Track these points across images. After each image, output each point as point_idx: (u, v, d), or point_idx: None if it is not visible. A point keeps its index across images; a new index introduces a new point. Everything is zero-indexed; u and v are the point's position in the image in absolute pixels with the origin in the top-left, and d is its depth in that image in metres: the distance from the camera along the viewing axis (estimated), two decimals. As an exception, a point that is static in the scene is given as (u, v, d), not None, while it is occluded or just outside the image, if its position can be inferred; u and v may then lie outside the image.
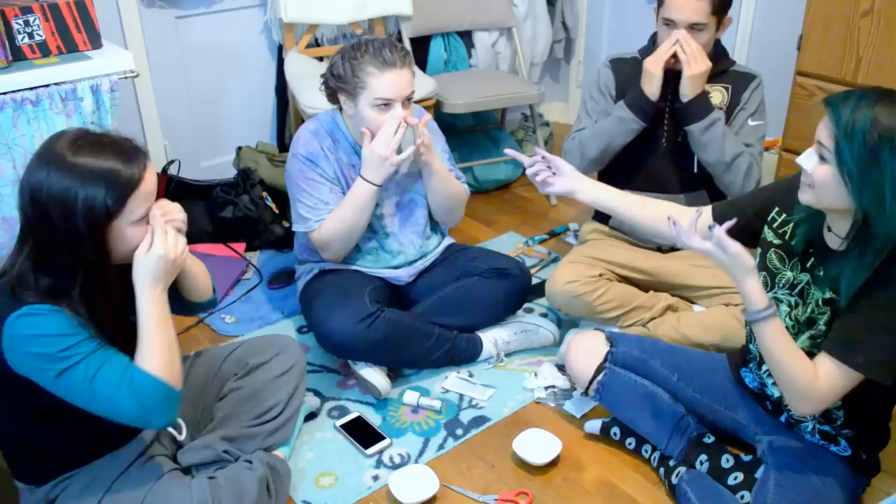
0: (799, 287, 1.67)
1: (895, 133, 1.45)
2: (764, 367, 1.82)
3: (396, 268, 2.37)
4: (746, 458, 1.83)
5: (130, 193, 1.44)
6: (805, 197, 1.59)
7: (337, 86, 2.11)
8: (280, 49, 3.30)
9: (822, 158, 1.53)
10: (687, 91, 2.22)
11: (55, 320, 1.42)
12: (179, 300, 1.77)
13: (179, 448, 1.82)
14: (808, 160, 1.56)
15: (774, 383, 1.79)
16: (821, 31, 2.58)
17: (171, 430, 1.71)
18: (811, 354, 1.62)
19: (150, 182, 1.48)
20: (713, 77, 2.29)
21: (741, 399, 1.90)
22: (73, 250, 1.43)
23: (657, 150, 2.36)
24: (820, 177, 1.54)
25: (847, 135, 1.48)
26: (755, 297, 1.56)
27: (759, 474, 1.77)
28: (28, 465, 1.63)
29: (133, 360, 1.50)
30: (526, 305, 2.53)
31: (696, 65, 2.18)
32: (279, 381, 1.89)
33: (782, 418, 1.81)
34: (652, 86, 2.25)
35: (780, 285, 1.72)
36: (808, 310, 1.66)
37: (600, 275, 2.34)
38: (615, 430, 2.04)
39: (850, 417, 1.70)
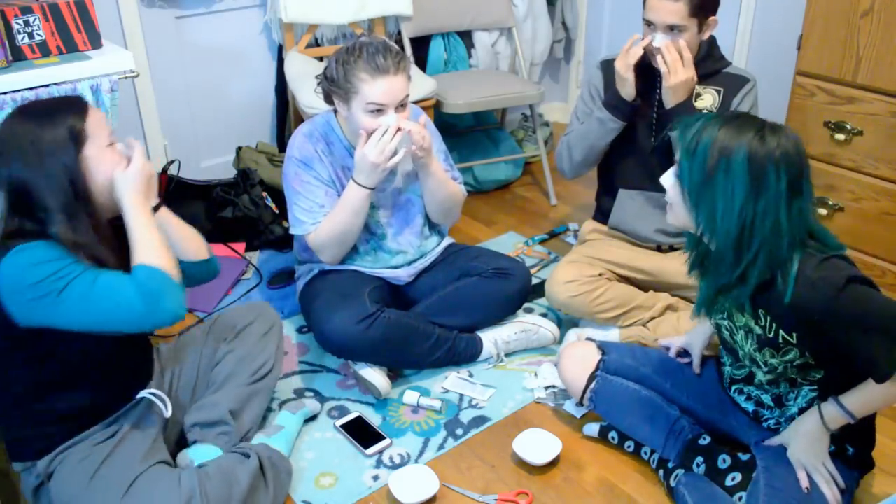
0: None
1: (732, 153, 1.51)
2: (734, 388, 1.84)
3: (396, 268, 2.37)
4: (744, 457, 1.82)
5: (85, 117, 1.59)
6: (668, 216, 1.68)
7: (330, 89, 2.11)
8: (280, 49, 3.30)
9: (677, 177, 1.61)
10: (668, 100, 2.21)
11: (46, 249, 1.51)
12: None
13: (180, 439, 1.88)
14: (667, 179, 1.65)
15: (748, 399, 1.83)
16: (821, 31, 2.58)
17: (158, 403, 1.78)
18: (787, 375, 1.69)
19: (96, 111, 1.64)
20: (706, 78, 2.28)
21: (731, 404, 1.90)
22: (54, 188, 1.54)
23: (648, 149, 2.36)
24: (670, 194, 1.63)
25: (689, 153, 1.56)
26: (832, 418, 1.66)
27: (755, 474, 1.77)
28: (27, 440, 1.66)
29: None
30: (526, 305, 2.53)
31: (674, 76, 2.16)
32: (265, 340, 2.03)
33: (764, 425, 1.82)
34: (625, 87, 2.25)
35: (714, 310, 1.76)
36: (742, 327, 1.69)
37: (600, 274, 2.34)
38: (613, 434, 2.04)
39: None
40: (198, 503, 1.62)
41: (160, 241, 1.60)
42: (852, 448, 1.72)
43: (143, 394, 1.78)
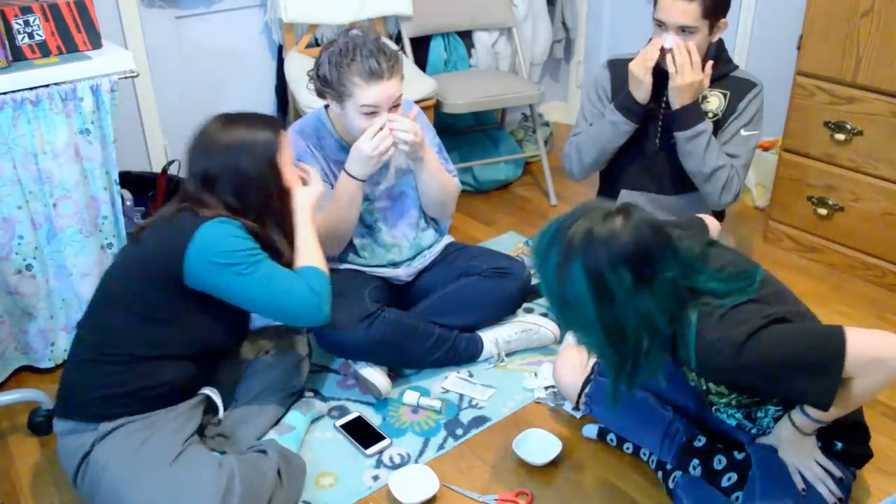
0: None
1: (569, 274, 1.45)
2: (713, 408, 1.84)
3: (395, 265, 2.37)
4: (740, 455, 1.82)
5: (280, 131, 1.84)
6: None
7: (323, 89, 2.10)
8: (280, 49, 3.30)
9: None
10: (674, 101, 2.21)
11: (242, 230, 1.74)
12: None
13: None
14: None
15: (728, 416, 1.83)
16: (821, 31, 2.58)
17: (219, 403, 1.89)
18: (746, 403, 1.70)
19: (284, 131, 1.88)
20: (713, 81, 2.28)
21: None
22: (254, 183, 1.78)
23: (653, 150, 2.35)
24: None
25: (540, 275, 1.52)
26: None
27: (751, 473, 1.77)
28: (105, 405, 1.72)
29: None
30: (526, 305, 2.53)
31: (681, 77, 2.15)
32: (302, 366, 2.14)
33: (752, 431, 1.82)
34: (641, 90, 2.23)
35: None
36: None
37: (600, 275, 2.34)
38: (611, 436, 2.04)
39: None
40: (237, 485, 1.66)
41: (322, 254, 1.89)
42: (840, 443, 1.72)
43: (206, 391, 1.88)
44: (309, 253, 1.86)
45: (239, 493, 1.65)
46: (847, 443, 1.72)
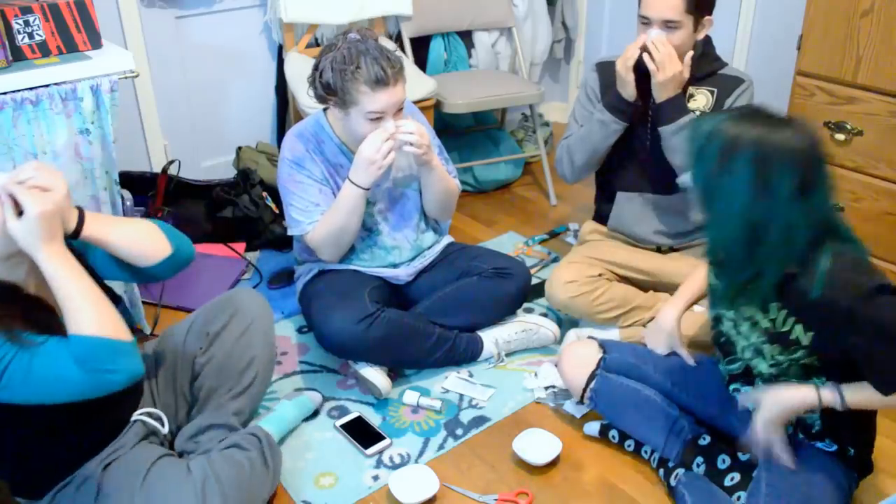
0: None
1: (736, 156, 1.47)
2: (732, 387, 1.83)
3: (395, 266, 2.37)
4: (744, 456, 1.82)
5: None
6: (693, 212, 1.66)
7: (326, 95, 2.08)
8: (280, 49, 3.30)
9: None
10: (657, 95, 2.20)
11: None
12: (135, 271, 1.66)
13: (173, 442, 1.84)
14: (685, 180, 1.64)
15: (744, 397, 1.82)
16: (821, 31, 2.58)
17: (153, 422, 1.73)
18: (790, 375, 1.67)
19: None
20: (700, 79, 2.28)
21: (732, 403, 1.89)
22: None
23: (645, 152, 2.35)
24: (690, 194, 1.61)
25: (696, 155, 1.53)
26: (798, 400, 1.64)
27: (755, 473, 1.77)
28: (25, 482, 1.64)
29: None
30: (526, 305, 2.53)
31: (662, 71, 2.15)
32: (244, 341, 1.88)
33: None
34: (626, 88, 2.23)
35: (717, 299, 1.75)
36: (748, 318, 1.69)
37: (600, 275, 2.34)
38: (613, 433, 2.04)
39: (827, 425, 1.71)
40: (212, 486, 1.62)
41: (91, 298, 1.42)
42: (853, 449, 1.72)
43: (136, 416, 1.74)
44: (71, 312, 1.41)
45: (217, 491, 1.61)
46: (858, 450, 1.73)
